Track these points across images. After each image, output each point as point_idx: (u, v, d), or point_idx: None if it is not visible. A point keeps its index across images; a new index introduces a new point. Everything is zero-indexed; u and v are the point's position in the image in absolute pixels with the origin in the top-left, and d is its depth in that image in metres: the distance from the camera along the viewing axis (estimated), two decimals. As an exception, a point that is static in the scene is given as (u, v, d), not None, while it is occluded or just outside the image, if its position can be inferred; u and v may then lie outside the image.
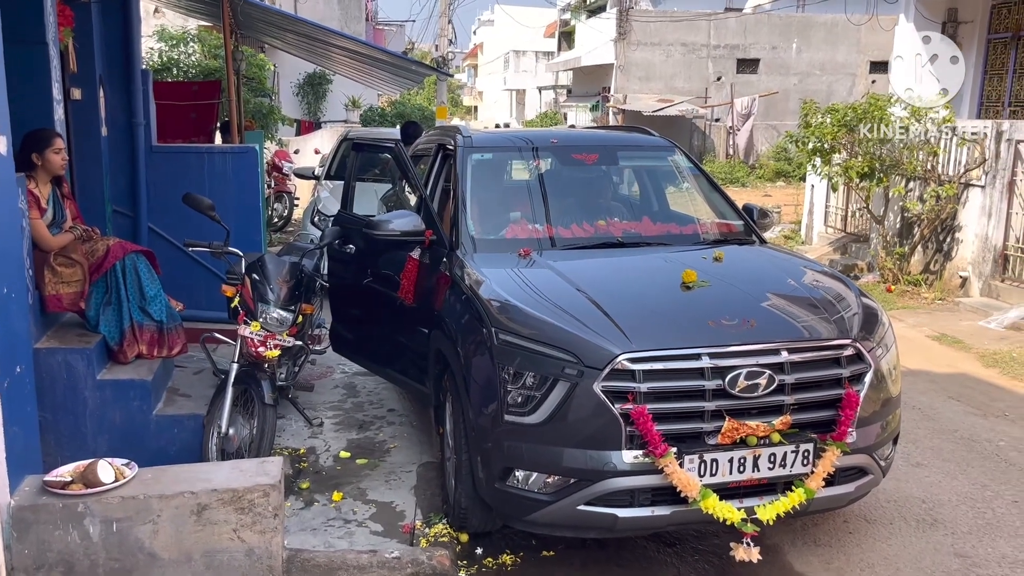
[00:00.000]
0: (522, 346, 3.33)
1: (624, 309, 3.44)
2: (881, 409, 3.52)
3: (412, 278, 4.48)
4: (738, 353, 3.27)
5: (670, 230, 4.51)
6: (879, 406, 3.51)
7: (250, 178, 6.48)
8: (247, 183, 6.46)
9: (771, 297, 3.69)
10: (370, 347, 5.20)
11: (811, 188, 12.51)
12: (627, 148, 5.15)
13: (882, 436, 3.55)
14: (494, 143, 4.95)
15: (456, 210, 4.39)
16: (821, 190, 12.01)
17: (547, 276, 3.81)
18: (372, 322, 5.10)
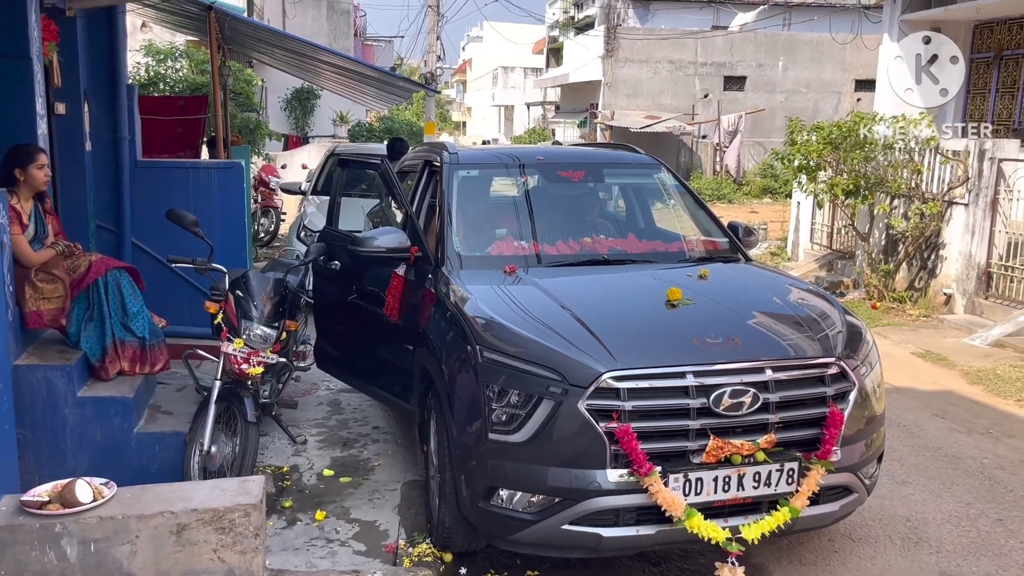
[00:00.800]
0: (507, 364, 3.34)
1: (609, 327, 3.45)
2: (866, 427, 3.53)
3: (397, 295, 4.49)
4: (723, 371, 3.27)
5: (655, 247, 4.53)
6: (863, 424, 3.52)
7: (236, 193, 6.47)
8: (233, 198, 6.45)
9: (756, 315, 3.70)
10: (355, 364, 5.19)
11: (797, 205, 12.60)
12: (613, 165, 5.18)
13: (867, 454, 3.55)
14: (480, 160, 4.97)
15: (442, 227, 4.40)
16: (807, 207, 12.10)
17: (532, 293, 3.83)
18: (357, 339, 5.09)
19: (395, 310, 4.49)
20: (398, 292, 4.49)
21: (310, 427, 5.60)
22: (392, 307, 4.51)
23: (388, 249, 4.38)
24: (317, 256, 5.23)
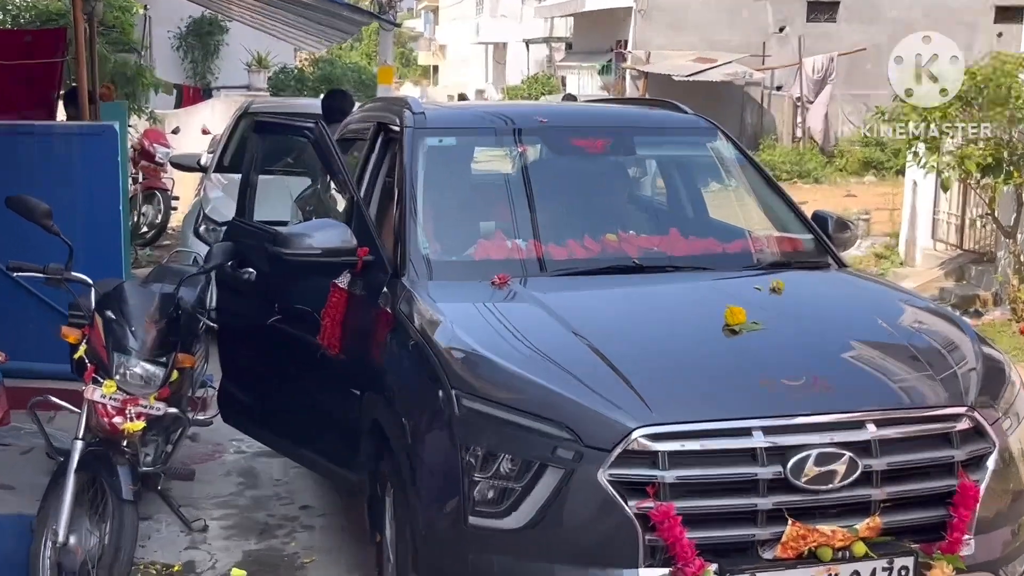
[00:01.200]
0: (495, 417, 3.36)
1: (642, 363, 3.50)
2: (1011, 506, 3.55)
3: (338, 317, 4.51)
4: (805, 427, 3.30)
5: (709, 248, 4.58)
6: (1008, 502, 3.53)
7: (107, 170, 6.48)
8: (102, 177, 6.46)
9: (853, 345, 3.74)
10: (277, 416, 5.21)
11: (912, 186, 12.64)
12: (649, 131, 5.24)
13: (1013, 545, 3.56)
14: (458, 123, 5.03)
15: (402, 219, 4.44)
16: (927, 189, 12.13)
17: (533, 315, 3.87)
18: (280, 380, 5.11)
19: (335, 339, 4.51)
20: (339, 313, 4.51)
21: (213, 507, 5.59)
22: (331, 335, 4.52)
23: (325, 251, 4.40)
24: (223, 261, 5.24)
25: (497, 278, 4.15)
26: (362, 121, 5.76)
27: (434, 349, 3.68)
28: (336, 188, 5.46)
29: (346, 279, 4.51)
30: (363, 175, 5.11)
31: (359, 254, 4.41)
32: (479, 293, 4.08)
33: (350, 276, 4.50)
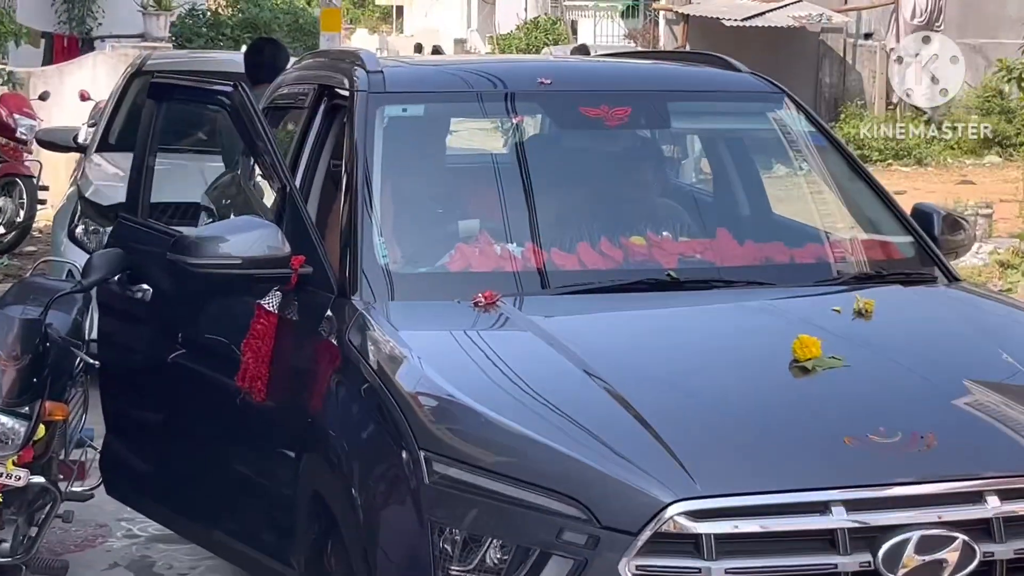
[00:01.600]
0: (479, 487, 3.36)
1: (679, 415, 3.53)
2: None
3: (265, 351, 4.52)
4: (903, 500, 3.31)
5: (771, 255, 4.63)
6: None
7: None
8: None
9: (968, 388, 3.77)
10: (181, 487, 5.20)
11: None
12: (688, 96, 5.29)
13: None
14: (428, 85, 5.07)
15: (353, 217, 4.46)
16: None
17: (531, 348, 3.91)
18: (185, 438, 5.12)
19: (260, 381, 4.51)
20: (266, 346, 4.52)
21: (93, 613, 5.59)
22: (254, 375, 4.53)
23: (246, 261, 4.41)
24: (108, 275, 5.24)
25: (482, 297, 4.14)
26: (298, 83, 5.77)
27: (395, 395, 3.68)
28: (262, 174, 5.48)
29: (275, 299, 4.52)
30: (299, 157, 5.14)
31: (293, 265, 4.39)
32: (457, 318, 4.09)
33: (281, 295, 4.51)
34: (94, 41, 21.45)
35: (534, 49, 31.46)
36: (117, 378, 5.48)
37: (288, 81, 6.06)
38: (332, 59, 5.53)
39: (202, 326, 4.97)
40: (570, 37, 34.35)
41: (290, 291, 4.49)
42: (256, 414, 4.55)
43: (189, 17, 23.20)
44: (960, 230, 5.04)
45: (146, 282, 5.20)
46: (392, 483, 3.56)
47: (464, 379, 3.71)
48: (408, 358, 3.85)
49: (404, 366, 3.81)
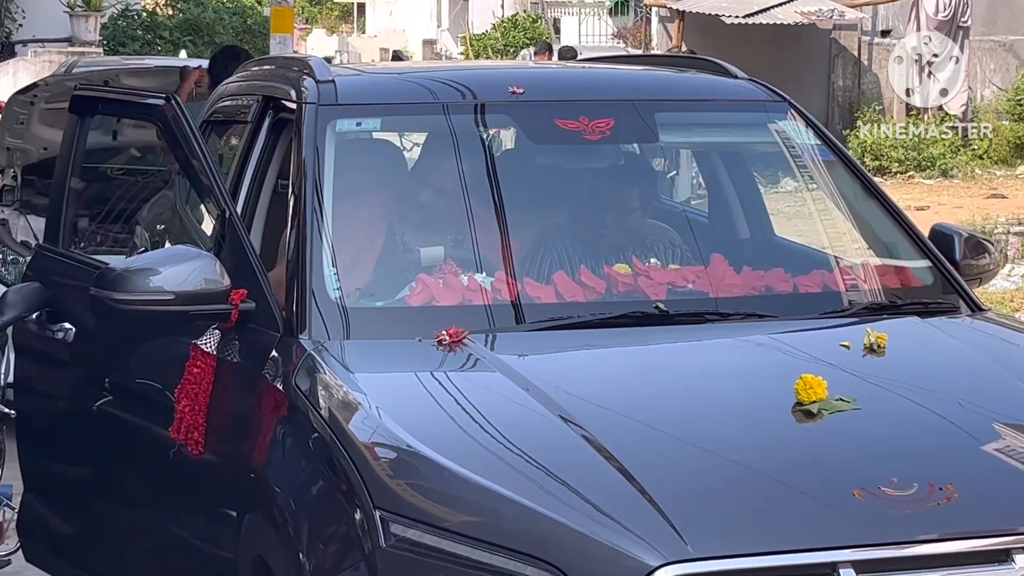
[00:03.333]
0: (440, 551, 3.34)
1: (669, 468, 3.53)
2: None
3: (202, 399, 4.53)
4: (919, 560, 3.29)
5: (772, 284, 4.64)
6: None
7: None
8: None
9: (993, 433, 3.77)
10: (109, 553, 5.20)
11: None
12: (678, 105, 5.31)
13: None
14: (385, 96, 5.11)
15: (301, 245, 4.48)
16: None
17: (502, 392, 3.90)
18: (113, 496, 5.11)
19: (197, 431, 4.52)
20: (203, 393, 4.53)
21: None
22: (191, 425, 4.53)
23: (179, 296, 4.41)
24: (25, 312, 5.25)
25: (446, 335, 4.15)
26: (240, 94, 5.79)
27: (348, 447, 3.66)
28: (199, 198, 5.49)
29: (214, 339, 4.54)
30: (241, 177, 5.17)
31: (233, 300, 4.41)
32: (418, 358, 4.11)
33: (220, 335, 4.54)
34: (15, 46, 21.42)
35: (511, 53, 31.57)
36: (36, 429, 5.47)
37: (229, 92, 6.05)
38: (278, 67, 5.52)
39: (132, 370, 4.97)
40: (552, 37, 34.43)
41: (230, 330, 4.49)
42: (193, 469, 4.55)
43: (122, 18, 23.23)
44: (984, 253, 5.06)
45: (68, 320, 5.21)
46: (344, 547, 3.54)
47: (425, 428, 3.70)
48: (362, 405, 3.84)
49: (358, 414, 3.81)
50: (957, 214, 17.16)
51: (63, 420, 5.32)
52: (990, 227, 14.98)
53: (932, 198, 19.65)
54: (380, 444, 3.66)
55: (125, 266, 4.57)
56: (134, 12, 23.76)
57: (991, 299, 12.38)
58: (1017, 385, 4.06)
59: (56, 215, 5.55)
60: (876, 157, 23.04)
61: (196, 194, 5.34)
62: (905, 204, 18.47)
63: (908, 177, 22.53)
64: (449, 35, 49.44)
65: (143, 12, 24.54)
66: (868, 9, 26.23)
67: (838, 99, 26.21)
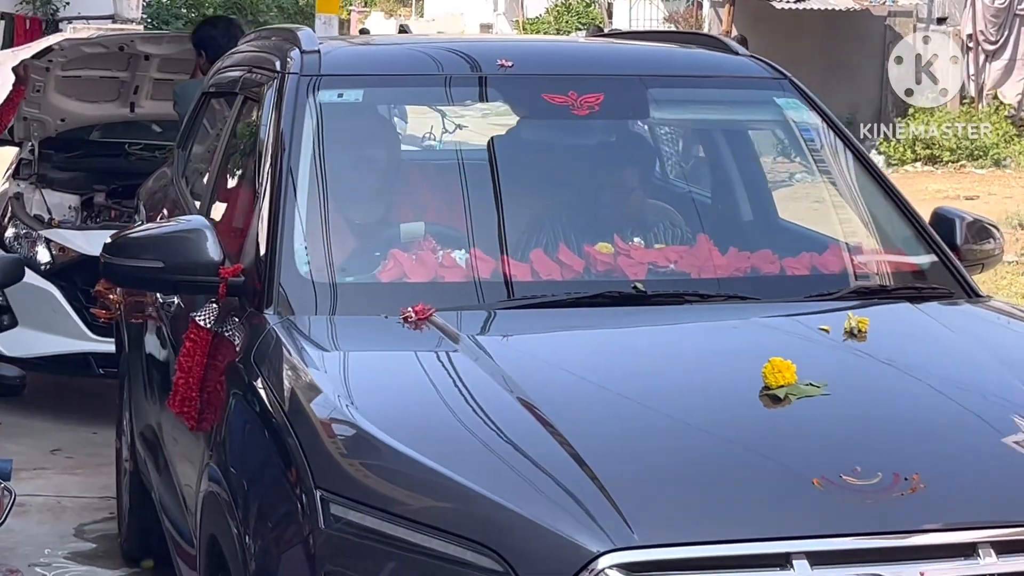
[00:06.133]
0: (381, 535, 3.29)
1: (622, 453, 3.49)
2: None
3: (196, 372, 4.57)
4: (879, 553, 3.23)
5: (757, 266, 4.62)
6: None
7: None
8: None
9: (967, 424, 3.72)
10: None
11: None
12: (670, 81, 5.29)
13: None
14: (368, 68, 5.11)
15: (272, 217, 4.50)
16: None
17: (459, 372, 3.91)
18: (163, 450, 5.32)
19: (190, 404, 4.58)
20: (198, 366, 4.57)
21: None
22: (184, 397, 4.59)
23: (169, 267, 4.46)
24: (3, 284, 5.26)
25: (412, 311, 4.13)
26: (236, 66, 5.84)
27: (296, 425, 3.64)
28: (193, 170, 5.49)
29: (210, 313, 4.56)
30: (231, 148, 5.27)
31: (223, 274, 4.43)
32: (381, 336, 4.14)
33: (217, 308, 4.56)
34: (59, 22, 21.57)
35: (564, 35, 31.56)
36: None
37: (228, 64, 6.14)
38: (271, 38, 5.53)
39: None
40: (605, 21, 34.47)
41: (228, 305, 4.51)
42: (187, 444, 4.67)
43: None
44: (989, 238, 5.02)
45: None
46: (285, 528, 3.52)
47: (377, 407, 3.69)
48: (315, 382, 3.82)
49: (309, 392, 3.79)
50: (1007, 204, 17.04)
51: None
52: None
53: (983, 188, 19.50)
54: (327, 422, 3.64)
55: (125, 234, 4.65)
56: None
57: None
58: (1002, 374, 3.99)
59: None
60: (927, 146, 22.90)
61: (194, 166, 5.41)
62: (955, 193, 18.46)
63: (960, 166, 22.37)
64: (505, 19, 49.58)
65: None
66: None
67: (887, 87, 25.98)
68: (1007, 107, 24.52)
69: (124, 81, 9.91)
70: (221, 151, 5.36)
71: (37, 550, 6.48)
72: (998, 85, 24.87)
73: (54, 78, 9.65)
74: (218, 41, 7.60)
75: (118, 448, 6.98)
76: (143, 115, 10.18)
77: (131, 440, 6.38)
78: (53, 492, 7.45)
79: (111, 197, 9.53)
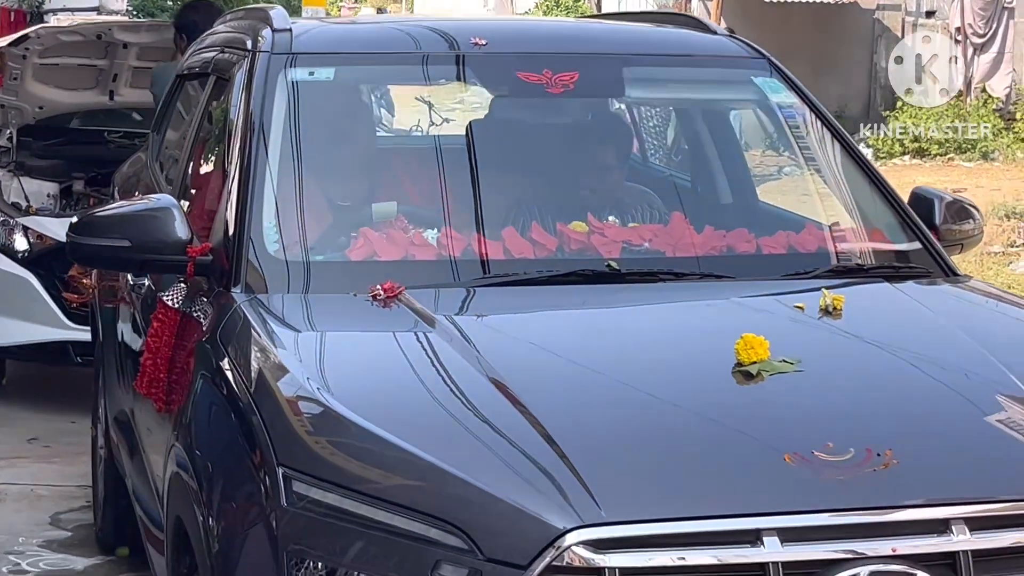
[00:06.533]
0: (344, 512, 3.28)
1: (592, 429, 3.48)
2: None
3: (164, 353, 4.56)
4: (850, 529, 3.22)
5: (732, 245, 4.62)
6: None
7: None
8: None
9: (941, 399, 3.74)
10: None
11: None
12: (647, 60, 5.27)
13: None
14: (341, 46, 5.09)
15: (242, 197, 4.49)
16: None
17: (429, 349, 3.90)
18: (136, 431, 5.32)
19: (158, 385, 4.56)
20: (166, 346, 4.57)
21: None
22: (152, 378, 4.59)
23: (136, 245, 4.43)
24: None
25: (381, 289, 4.11)
26: (209, 47, 5.84)
27: (260, 403, 3.64)
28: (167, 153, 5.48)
29: (179, 294, 4.56)
30: (203, 129, 5.30)
31: (190, 253, 4.41)
32: (350, 314, 4.14)
33: (185, 288, 4.55)
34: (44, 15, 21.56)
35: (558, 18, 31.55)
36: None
37: (201, 46, 6.15)
38: (244, 18, 5.53)
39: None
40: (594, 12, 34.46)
41: (196, 285, 4.51)
42: (153, 422, 4.70)
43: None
44: (968, 219, 5.01)
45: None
46: (248, 508, 3.52)
47: (344, 385, 3.68)
48: (281, 360, 3.82)
49: (275, 370, 3.78)
50: (993, 196, 17.06)
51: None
52: (1022, 208, 14.86)
53: (970, 180, 19.51)
54: (292, 400, 3.64)
55: (92, 213, 4.68)
56: (175, -20, 23.92)
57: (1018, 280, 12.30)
58: (977, 351, 3.99)
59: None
60: (916, 139, 22.93)
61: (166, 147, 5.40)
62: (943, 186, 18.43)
63: (948, 159, 22.40)
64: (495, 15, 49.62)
65: (181, -22, 24.74)
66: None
67: (880, 80, 26.03)
68: (996, 100, 24.52)
69: (102, 69, 9.93)
70: (193, 132, 5.38)
71: (12, 538, 6.51)
72: (987, 78, 24.88)
73: (31, 66, 9.65)
74: (199, 25, 7.60)
75: (94, 436, 6.98)
76: (122, 103, 10.22)
77: (105, 427, 6.37)
78: (29, 481, 7.47)
79: (90, 185, 9.55)
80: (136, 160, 6.94)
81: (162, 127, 6.59)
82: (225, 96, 5.08)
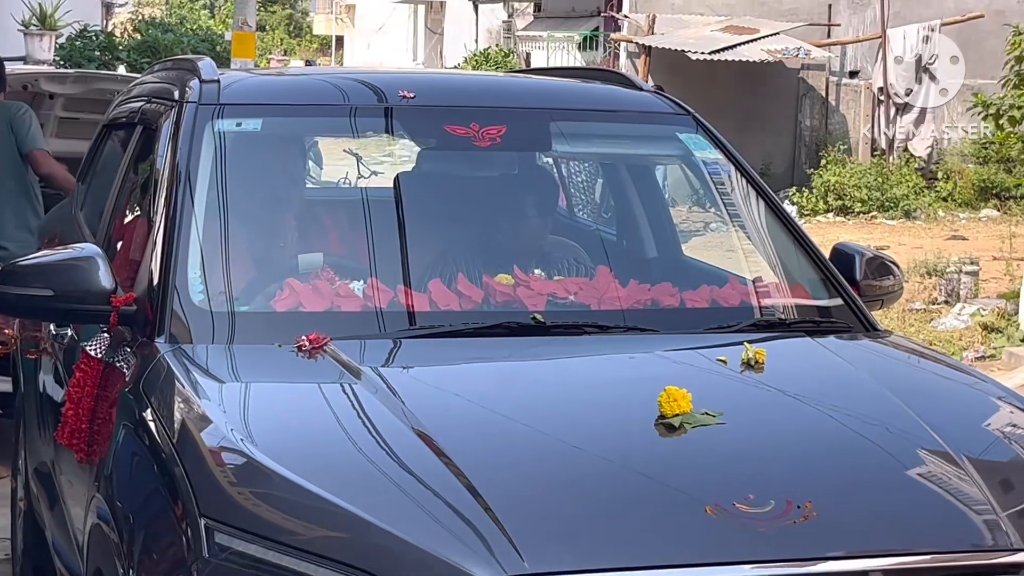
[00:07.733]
0: (265, 563, 3.25)
1: (514, 481, 3.49)
2: None
3: (86, 403, 4.52)
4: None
5: (657, 298, 4.63)
6: None
7: None
8: None
9: (860, 452, 3.74)
10: None
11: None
12: (574, 115, 5.30)
13: None
14: (269, 98, 5.10)
15: (167, 243, 4.48)
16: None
17: (353, 400, 3.90)
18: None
19: (79, 436, 4.51)
20: (88, 396, 4.52)
21: None
22: (73, 428, 4.54)
23: (59, 295, 4.40)
24: None
25: (306, 340, 4.10)
26: (136, 98, 5.82)
27: (183, 454, 3.60)
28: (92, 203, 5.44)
29: (102, 343, 4.53)
30: (129, 179, 5.27)
31: (114, 302, 4.38)
32: (274, 365, 4.12)
33: (108, 338, 4.51)
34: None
35: (484, 77, 31.63)
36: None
37: (131, 95, 6.12)
38: (172, 68, 5.50)
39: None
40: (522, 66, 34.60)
41: (120, 335, 4.47)
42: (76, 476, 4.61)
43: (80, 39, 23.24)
44: (888, 275, 5.05)
45: None
46: (170, 559, 3.47)
47: (267, 436, 3.65)
48: (204, 411, 3.77)
49: (198, 420, 3.74)
50: (915, 253, 17.23)
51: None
52: (943, 266, 14.99)
53: (893, 238, 19.72)
54: (215, 450, 3.60)
55: (15, 262, 4.57)
56: (92, 33, 23.84)
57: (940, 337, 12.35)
58: (896, 405, 4.01)
59: None
60: (839, 197, 23.16)
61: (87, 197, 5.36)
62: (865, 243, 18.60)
63: (871, 217, 22.65)
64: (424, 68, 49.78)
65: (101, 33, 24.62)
66: (836, 49, 26.28)
67: (805, 139, 26.29)
68: (917, 160, 24.81)
69: None
70: (119, 182, 5.35)
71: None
72: (909, 138, 25.16)
73: None
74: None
75: (13, 488, 6.86)
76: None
77: (25, 479, 6.30)
78: (-53, 534, 7.34)
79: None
80: (61, 209, 6.88)
81: (87, 177, 6.56)
82: (152, 146, 5.05)
